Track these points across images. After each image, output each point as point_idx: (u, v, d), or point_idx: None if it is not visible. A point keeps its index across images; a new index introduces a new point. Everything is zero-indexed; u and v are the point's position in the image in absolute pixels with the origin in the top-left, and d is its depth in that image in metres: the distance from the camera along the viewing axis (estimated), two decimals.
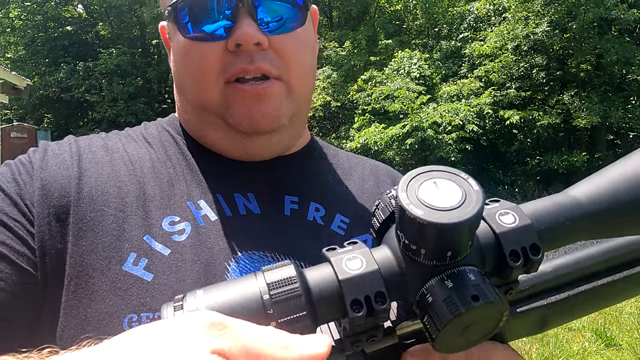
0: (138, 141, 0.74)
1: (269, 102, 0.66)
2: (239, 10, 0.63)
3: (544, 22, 13.14)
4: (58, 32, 22.82)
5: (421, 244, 0.36)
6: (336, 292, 0.36)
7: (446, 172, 0.37)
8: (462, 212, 0.34)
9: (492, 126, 13.81)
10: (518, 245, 0.38)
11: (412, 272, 0.37)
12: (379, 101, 14.33)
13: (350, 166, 0.83)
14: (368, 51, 17.43)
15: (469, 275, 0.36)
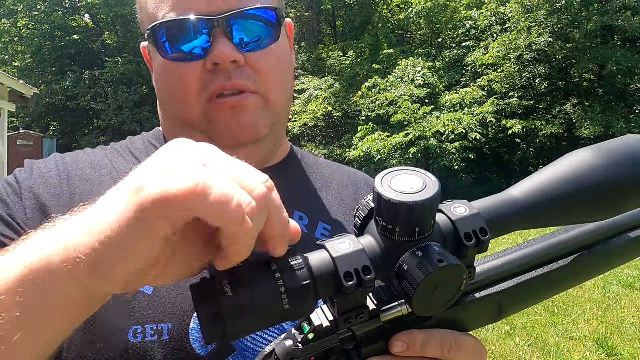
0: (125, 156, 0.76)
1: (246, 115, 0.69)
2: (214, 30, 0.66)
3: (546, 32, 13.20)
4: (65, 41, 23.09)
5: (396, 223, 0.45)
6: (331, 268, 0.43)
7: (411, 169, 0.47)
8: (424, 194, 0.44)
9: (495, 135, 13.84)
10: (470, 229, 0.47)
11: (390, 248, 0.46)
12: (382, 107, 14.41)
13: (330, 174, 0.87)
14: (371, 60, 17.55)
15: (434, 247, 0.45)
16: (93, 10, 23.55)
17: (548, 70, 13.84)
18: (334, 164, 0.92)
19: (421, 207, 0.43)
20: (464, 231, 0.46)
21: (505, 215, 0.50)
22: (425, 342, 0.50)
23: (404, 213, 0.44)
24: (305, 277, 0.42)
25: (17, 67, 22.42)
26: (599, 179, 0.51)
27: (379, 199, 0.44)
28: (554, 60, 14.00)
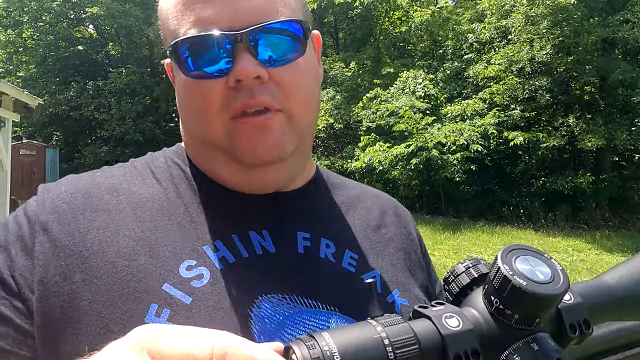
0: (145, 177, 0.73)
1: (271, 133, 0.66)
2: (237, 46, 0.63)
3: (548, 44, 13.28)
4: (69, 52, 23.28)
5: (517, 309, 0.42)
6: (440, 346, 0.41)
7: (533, 251, 0.45)
8: (556, 286, 0.42)
9: (497, 147, 13.85)
10: (575, 320, 0.45)
11: (501, 333, 0.43)
12: (383, 118, 14.44)
13: (355, 196, 0.84)
14: (372, 72, 17.65)
15: (549, 341, 0.43)
16: (97, 21, 23.77)
17: (550, 82, 13.89)
18: (359, 184, 0.89)
19: (552, 301, 0.41)
20: (569, 322, 0.45)
21: (602, 305, 0.48)
22: None
23: (531, 303, 0.41)
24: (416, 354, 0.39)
25: (21, 77, 22.61)
26: None
27: (504, 281, 0.42)
28: (555, 72, 14.06)
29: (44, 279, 0.59)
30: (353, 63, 18.29)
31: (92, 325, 0.57)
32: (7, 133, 8.72)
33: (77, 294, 0.58)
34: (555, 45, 13.32)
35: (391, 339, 0.39)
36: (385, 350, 0.38)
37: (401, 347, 0.39)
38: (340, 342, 0.38)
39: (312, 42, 0.75)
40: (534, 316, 0.42)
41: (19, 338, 0.57)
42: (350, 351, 0.37)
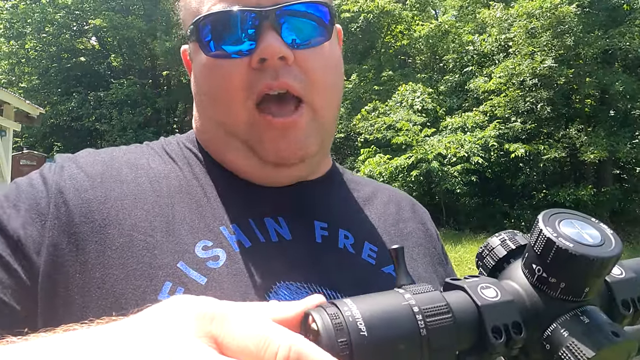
0: (162, 155, 0.70)
1: (296, 135, 0.64)
2: (263, 25, 0.60)
3: (549, 57, 13.35)
4: (71, 63, 23.42)
5: (563, 277, 0.37)
6: (476, 320, 0.36)
7: (579, 214, 0.40)
8: (608, 249, 0.37)
9: (498, 159, 13.86)
10: (628, 295, 0.41)
11: (545, 306, 0.38)
12: (381, 131, 14.46)
13: (371, 192, 0.81)
14: (373, 82, 17.75)
15: (601, 315, 0.38)
16: (100, 33, 23.94)
17: (551, 95, 13.93)
18: (373, 181, 0.87)
19: (604, 265, 0.36)
20: (622, 298, 0.40)
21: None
22: None
23: (580, 268, 0.36)
24: (450, 321, 0.35)
25: (23, 87, 22.70)
26: None
27: (547, 244, 0.37)
28: (555, 85, 14.11)
29: (57, 244, 0.56)
30: (354, 75, 18.38)
31: (102, 299, 0.54)
32: (8, 142, 8.72)
33: (90, 264, 0.56)
34: (555, 58, 13.39)
35: (421, 307, 0.35)
36: (415, 317, 0.34)
37: (433, 315, 0.35)
38: (364, 309, 0.34)
39: (336, 34, 0.72)
40: (582, 285, 0.37)
41: (20, 293, 0.54)
42: (376, 318, 0.33)
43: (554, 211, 0.40)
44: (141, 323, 0.35)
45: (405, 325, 0.34)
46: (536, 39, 13.57)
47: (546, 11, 12.86)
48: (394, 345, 0.33)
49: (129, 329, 0.34)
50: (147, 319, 0.35)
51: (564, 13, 12.56)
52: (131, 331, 0.34)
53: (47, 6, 22.60)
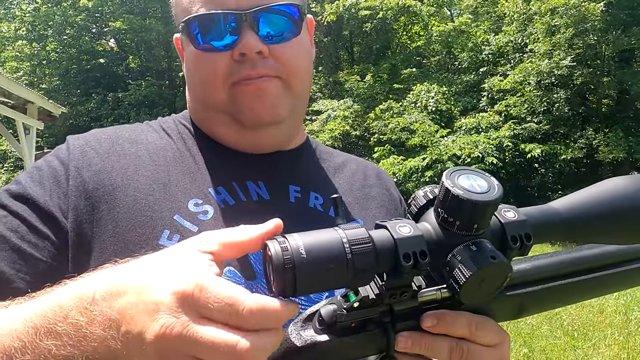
0: (159, 132, 0.84)
1: (268, 97, 0.76)
2: (242, 24, 0.73)
3: (567, 56, 13.23)
4: (91, 65, 23.88)
5: (457, 216, 0.49)
6: (392, 248, 0.48)
7: (475, 171, 0.52)
8: (489, 195, 0.48)
9: (512, 159, 13.77)
10: (517, 232, 0.52)
11: (446, 238, 0.50)
12: (395, 132, 14.47)
13: (342, 162, 0.94)
14: (390, 82, 17.75)
15: (487, 244, 0.50)
16: (119, 35, 24.35)
17: (568, 94, 13.81)
18: (345, 154, 1.00)
19: (485, 206, 0.48)
20: (511, 234, 0.51)
21: (547, 224, 0.55)
22: (454, 320, 0.54)
23: (467, 209, 0.48)
24: (369, 249, 0.47)
25: (44, 89, 23.18)
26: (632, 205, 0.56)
27: (446, 193, 0.49)
28: (572, 85, 13.98)
29: (77, 207, 0.70)
30: (369, 75, 18.42)
31: (114, 245, 0.68)
32: (32, 139, 8.98)
33: (103, 220, 0.69)
34: (574, 57, 13.26)
35: (349, 239, 0.47)
36: (343, 245, 0.46)
37: (357, 244, 0.46)
38: (306, 239, 0.46)
39: (306, 25, 0.84)
40: (472, 222, 0.49)
41: (53, 252, 0.68)
42: (314, 246, 0.45)
43: (456, 169, 0.52)
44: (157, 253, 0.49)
45: (335, 250, 0.45)
46: (556, 36, 13.42)
47: (570, 8, 12.73)
48: (326, 265, 0.45)
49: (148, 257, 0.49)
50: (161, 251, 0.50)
51: (589, 10, 12.41)
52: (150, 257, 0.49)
53: (68, 9, 23.08)
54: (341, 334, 0.52)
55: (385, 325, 0.53)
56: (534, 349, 4.96)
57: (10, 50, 25.33)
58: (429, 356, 0.56)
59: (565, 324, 5.79)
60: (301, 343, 0.52)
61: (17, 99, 8.09)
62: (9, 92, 7.50)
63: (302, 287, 0.45)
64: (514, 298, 0.59)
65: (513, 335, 5.31)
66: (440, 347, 0.54)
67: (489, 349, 0.56)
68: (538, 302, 0.61)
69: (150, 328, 0.43)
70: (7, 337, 0.49)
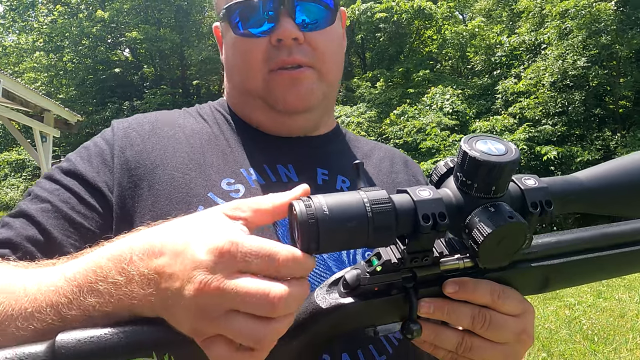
0: (195, 117, 0.88)
1: (302, 86, 0.79)
2: (280, 11, 0.76)
3: (582, 57, 13.07)
4: (106, 74, 24.26)
5: (475, 179, 0.50)
6: (412, 210, 0.49)
7: (494, 137, 0.53)
8: (505, 157, 0.49)
9: (527, 162, 13.59)
10: (537, 199, 0.52)
11: (465, 201, 0.51)
12: (411, 135, 14.41)
13: (369, 149, 0.97)
14: (404, 86, 17.71)
15: (505, 206, 0.50)
16: (134, 44, 24.73)
17: (583, 96, 13.62)
18: (372, 141, 1.03)
19: (502, 168, 0.49)
20: (531, 200, 0.52)
21: (569, 193, 0.55)
22: (476, 287, 0.55)
23: (485, 171, 0.49)
24: (389, 210, 0.48)
25: (61, 98, 23.61)
26: None
27: (464, 156, 0.50)
28: (588, 86, 13.79)
29: (121, 183, 0.74)
30: (381, 81, 18.40)
31: (153, 219, 0.70)
32: (49, 147, 9.13)
33: (144, 196, 0.74)
34: (589, 58, 13.10)
35: (370, 199, 0.48)
36: (364, 204, 0.48)
37: (377, 204, 0.48)
38: (329, 200, 0.48)
39: (340, 16, 0.87)
40: (490, 184, 0.50)
41: (100, 222, 0.72)
42: (336, 205, 0.47)
43: (474, 135, 0.53)
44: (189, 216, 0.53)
45: (356, 209, 0.47)
46: (569, 39, 13.28)
47: (581, 9, 12.60)
48: (347, 221, 0.47)
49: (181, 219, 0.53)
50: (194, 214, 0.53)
51: (601, 10, 12.26)
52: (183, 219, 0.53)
53: (84, 20, 23.53)
54: (364, 298, 0.54)
55: (408, 291, 0.54)
56: (553, 354, 4.86)
57: (28, 61, 25.89)
58: (452, 322, 0.56)
59: (584, 328, 5.67)
60: (326, 305, 0.54)
61: (35, 107, 8.24)
62: (26, 100, 7.65)
63: (325, 243, 0.46)
64: (538, 270, 0.58)
65: None
66: (463, 313, 0.55)
67: (512, 318, 0.56)
68: (563, 276, 0.60)
69: (189, 284, 0.45)
70: (53, 293, 0.52)
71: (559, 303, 6.87)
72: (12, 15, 26.62)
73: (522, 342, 0.58)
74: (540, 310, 6.46)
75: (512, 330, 0.56)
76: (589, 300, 7.04)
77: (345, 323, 0.54)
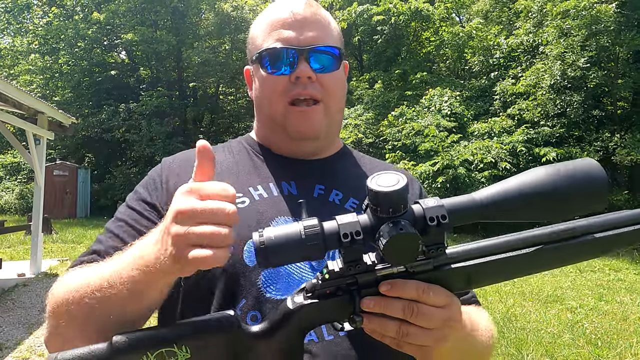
0: (222, 151, 1.13)
1: (311, 120, 1.03)
2: (300, 57, 1.00)
3: (581, 58, 13.05)
4: (102, 77, 24.13)
5: (376, 204, 0.67)
6: (336, 231, 0.67)
7: (394, 171, 0.69)
8: (393, 187, 0.66)
9: (526, 164, 13.56)
10: (434, 214, 0.67)
11: (375, 221, 0.67)
12: (409, 137, 14.37)
13: (373, 167, 1.16)
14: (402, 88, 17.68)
15: (401, 222, 0.65)
16: (130, 47, 24.64)
17: (582, 97, 13.59)
18: (376, 160, 1.23)
19: (390, 195, 0.66)
20: (429, 216, 0.67)
21: (462, 209, 0.70)
22: (404, 286, 0.70)
23: (380, 198, 0.66)
24: (317, 233, 0.66)
25: (56, 101, 23.45)
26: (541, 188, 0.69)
27: (367, 189, 0.67)
28: (586, 88, 13.77)
29: (167, 202, 0.93)
30: (379, 82, 18.37)
31: None
32: (42, 150, 9.00)
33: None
34: (588, 59, 13.07)
35: (304, 225, 0.67)
36: (299, 231, 0.67)
37: (309, 228, 0.67)
38: (277, 231, 0.67)
39: (343, 66, 1.11)
40: (387, 207, 0.66)
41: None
42: (280, 233, 0.67)
43: (380, 172, 0.69)
44: None
45: (293, 234, 0.67)
46: (569, 39, 13.25)
47: (581, 10, 12.58)
48: (287, 243, 0.66)
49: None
50: None
51: (601, 12, 12.25)
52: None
53: (80, 22, 23.42)
54: (319, 299, 0.72)
55: (352, 292, 0.72)
56: (557, 359, 4.78)
57: (24, 64, 25.75)
58: (389, 314, 0.71)
59: (587, 332, 5.59)
60: (293, 306, 0.73)
61: (28, 110, 8.12)
62: (19, 102, 7.52)
63: (273, 259, 0.66)
64: (459, 270, 0.73)
65: (534, 344, 5.13)
66: (395, 306, 0.70)
67: (438, 309, 0.71)
68: (482, 274, 0.74)
69: (168, 238, 0.69)
70: (98, 279, 0.79)
71: (560, 306, 6.80)
72: (7, 18, 26.48)
73: (450, 327, 0.73)
74: (541, 313, 6.39)
75: (439, 318, 0.71)
76: (591, 303, 6.97)
77: (309, 319, 0.73)
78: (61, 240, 13.27)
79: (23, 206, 21.63)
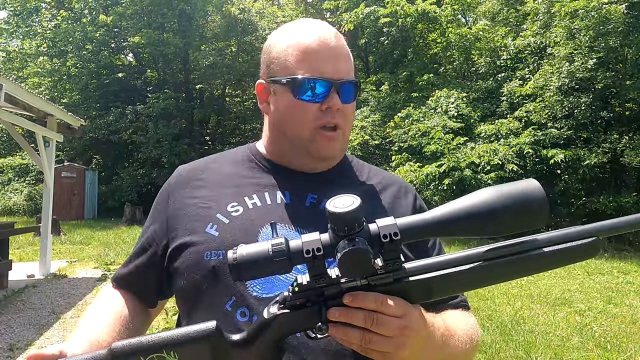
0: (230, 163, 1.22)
1: (334, 144, 1.12)
2: (332, 89, 1.08)
3: (589, 60, 12.95)
4: (110, 79, 24.26)
5: (333, 224, 0.74)
6: (300, 248, 0.74)
7: (349, 195, 0.76)
8: (346, 208, 0.73)
9: (533, 166, 13.48)
10: (387, 232, 0.74)
11: (334, 239, 0.75)
12: (415, 138, 14.32)
13: (370, 176, 1.23)
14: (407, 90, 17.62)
15: (355, 239, 0.72)
16: (137, 49, 24.77)
17: (590, 99, 13.49)
18: (377, 168, 1.29)
19: (343, 215, 0.72)
20: (383, 233, 0.74)
21: (414, 227, 0.77)
22: (364, 297, 0.77)
23: (335, 218, 0.73)
24: (283, 250, 0.74)
25: (64, 103, 23.59)
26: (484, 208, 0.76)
27: (327, 212, 0.74)
28: (594, 89, 13.67)
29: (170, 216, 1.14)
30: (386, 84, 18.33)
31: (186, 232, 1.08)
32: (52, 152, 9.07)
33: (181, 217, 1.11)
34: (595, 62, 12.97)
35: (272, 244, 0.75)
36: (267, 249, 0.74)
37: (275, 246, 0.74)
38: (249, 248, 0.75)
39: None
40: (342, 226, 0.73)
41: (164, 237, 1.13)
42: (252, 251, 0.75)
43: (338, 196, 0.76)
44: None
45: (262, 251, 0.75)
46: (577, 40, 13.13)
47: (590, 10, 12.48)
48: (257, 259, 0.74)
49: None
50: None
51: (611, 12, 12.14)
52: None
53: (88, 25, 23.58)
54: (291, 310, 0.79)
55: (320, 303, 0.78)
56: None
57: (32, 66, 25.97)
58: (353, 323, 0.77)
59: (596, 335, 5.55)
60: (268, 316, 0.80)
61: (38, 112, 8.19)
62: (29, 105, 7.59)
63: (245, 273, 0.74)
64: (416, 282, 0.79)
65: (542, 347, 5.09)
66: (358, 316, 0.77)
67: (395, 319, 0.77)
68: (441, 285, 0.80)
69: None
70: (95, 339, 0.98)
71: (569, 309, 6.74)
72: (16, 21, 26.70)
73: (407, 336, 0.78)
74: (550, 316, 6.34)
75: (396, 326, 0.77)
76: (599, 306, 6.91)
77: (282, 328, 0.79)
78: (69, 241, 13.35)
79: (31, 208, 21.78)
